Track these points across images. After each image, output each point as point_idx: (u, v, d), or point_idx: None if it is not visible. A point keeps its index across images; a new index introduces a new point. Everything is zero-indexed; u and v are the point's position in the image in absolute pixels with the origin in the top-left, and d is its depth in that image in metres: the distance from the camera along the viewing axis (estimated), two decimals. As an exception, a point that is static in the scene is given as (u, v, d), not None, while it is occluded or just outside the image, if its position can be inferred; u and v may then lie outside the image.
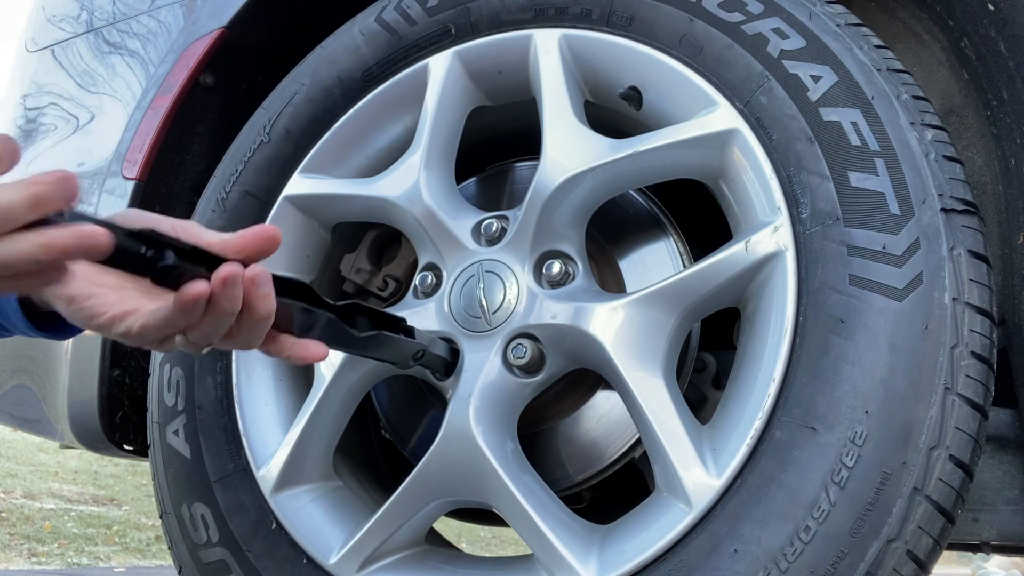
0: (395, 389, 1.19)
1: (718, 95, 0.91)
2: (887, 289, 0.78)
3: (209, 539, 1.03)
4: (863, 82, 0.85)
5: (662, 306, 0.88)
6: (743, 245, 0.85)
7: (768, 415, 0.79)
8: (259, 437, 1.06)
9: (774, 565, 0.75)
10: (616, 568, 0.82)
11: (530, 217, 0.96)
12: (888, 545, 0.73)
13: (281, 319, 0.69)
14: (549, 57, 1.01)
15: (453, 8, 1.09)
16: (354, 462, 1.16)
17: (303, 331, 0.71)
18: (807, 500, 0.75)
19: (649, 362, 0.87)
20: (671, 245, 1.05)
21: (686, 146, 0.92)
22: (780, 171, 0.85)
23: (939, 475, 0.74)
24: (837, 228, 0.81)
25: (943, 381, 0.75)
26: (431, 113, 1.06)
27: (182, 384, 1.10)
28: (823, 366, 0.78)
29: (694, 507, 0.80)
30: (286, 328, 0.71)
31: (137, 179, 1.26)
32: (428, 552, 1.00)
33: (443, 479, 0.93)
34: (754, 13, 0.91)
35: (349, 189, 1.11)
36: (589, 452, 1.04)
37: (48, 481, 5.08)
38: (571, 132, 0.97)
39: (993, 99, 0.98)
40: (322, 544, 0.97)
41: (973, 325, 0.77)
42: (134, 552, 3.80)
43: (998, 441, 1.00)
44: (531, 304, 0.94)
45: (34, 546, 3.49)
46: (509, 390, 0.93)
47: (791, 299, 0.81)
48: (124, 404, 1.31)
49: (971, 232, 0.80)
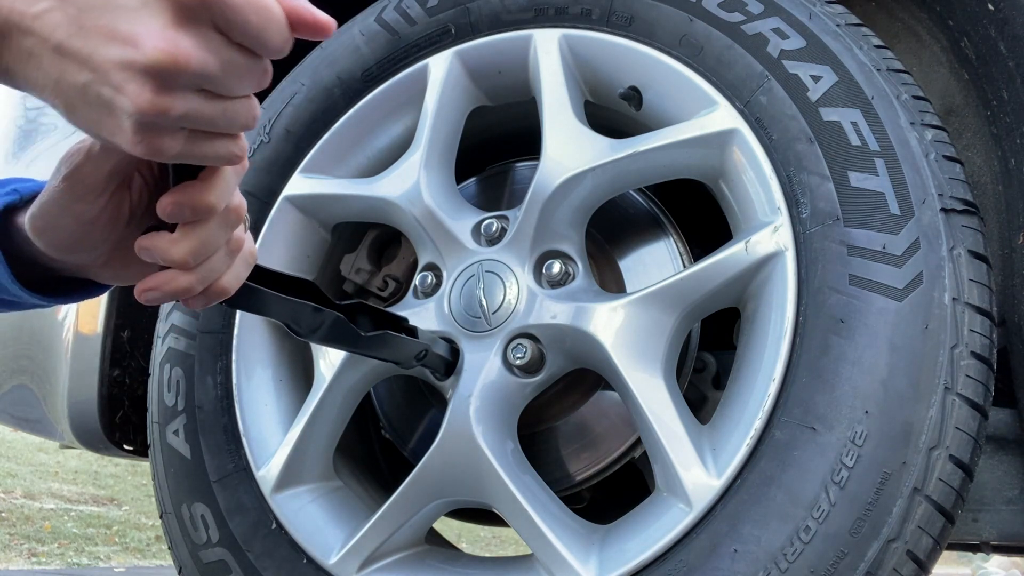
0: (395, 389, 1.19)
1: (718, 95, 0.91)
2: (887, 289, 0.78)
3: (209, 539, 1.03)
4: (863, 82, 0.85)
5: (662, 306, 0.88)
6: (743, 245, 0.85)
7: (768, 415, 0.79)
8: (259, 437, 1.06)
9: (774, 565, 0.75)
10: (616, 568, 0.82)
11: (530, 217, 0.96)
12: (888, 545, 0.73)
13: (290, 318, 0.69)
14: (549, 57, 1.01)
15: (453, 8, 1.09)
16: (354, 462, 1.16)
17: (311, 330, 0.72)
18: (807, 500, 0.75)
19: (649, 362, 0.87)
20: (671, 245, 1.05)
21: (686, 146, 0.92)
22: (780, 171, 0.86)
23: (939, 475, 0.74)
24: (837, 228, 0.81)
25: (943, 381, 0.75)
26: (431, 113, 1.06)
27: (182, 384, 1.10)
28: (823, 366, 0.78)
29: (694, 507, 0.80)
30: (294, 327, 0.71)
31: (137, 179, 1.26)
32: (428, 552, 1.00)
33: (443, 479, 0.93)
34: (754, 13, 0.91)
35: (349, 189, 1.11)
36: (589, 452, 1.04)
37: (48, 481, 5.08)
38: (571, 132, 0.97)
39: (993, 99, 0.98)
40: (322, 544, 0.97)
41: (973, 325, 0.77)
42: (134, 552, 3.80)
43: (998, 441, 1.00)
44: (531, 304, 0.94)
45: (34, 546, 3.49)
46: (509, 390, 0.93)
47: (791, 299, 0.82)
48: (124, 404, 1.31)
49: (971, 232, 0.80)
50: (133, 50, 0.44)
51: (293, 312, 0.69)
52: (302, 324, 0.71)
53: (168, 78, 0.45)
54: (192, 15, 0.45)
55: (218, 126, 0.50)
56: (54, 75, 0.46)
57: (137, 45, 0.44)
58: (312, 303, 0.70)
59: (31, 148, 1.48)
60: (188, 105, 0.47)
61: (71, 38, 0.45)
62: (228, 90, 0.49)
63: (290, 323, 0.70)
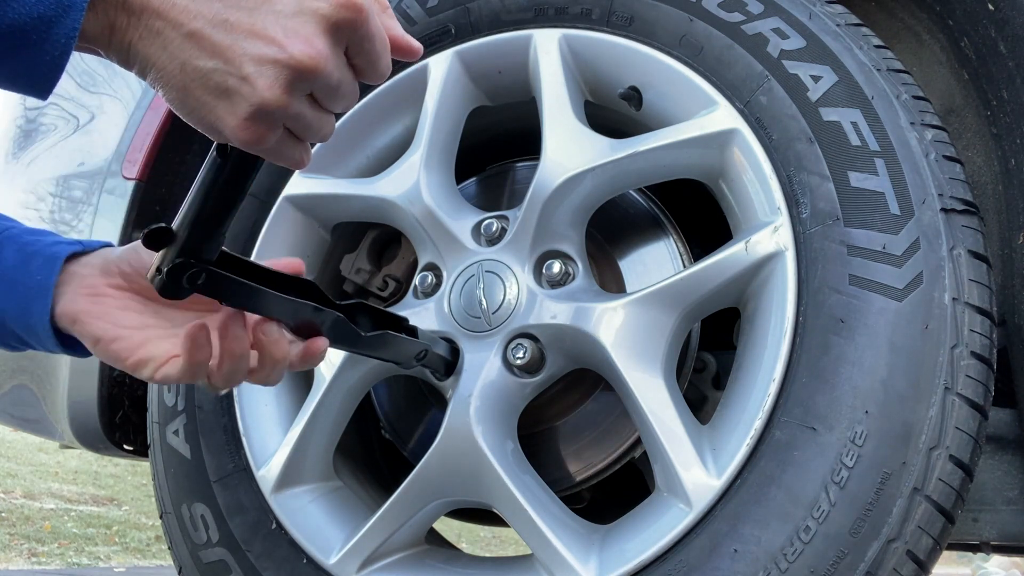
0: (395, 389, 1.19)
1: (718, 95, 0.91)
2: (887, 289, 0.78)
3: (209, 539, 1.03)
4: (863, 82, 0.85)
5: (662, 306, 0.88)
6: (743, 245, 0.85)
7: (768, 415, 0.79)
8: (259, 437, 1.06)
9: (774, 565, 0.75)
10: (616, 568, 0.82)
11: (530, 217, 0.96)
12: (888, 545, 0.73)
13: (291, 319, 0.69)
14: (549, 57, 1.01)
15: (453, 8, 1.09)
16: (354, 462, 1.16)
17: (312, 331, 0.72)
18: (807, 500, 0.75)
19: (649, 362, 0.87)
20: (671, 245, 1.05)
21: (686, 146, 0.92)
22: (780, 171, 0.86)
23: (939, 475, 0.74)
24: (837, 228, 0.81)
25: (943, 381, 0.75)
26: (431, 113, 1.06)
27: (182, 384, 1.10)
28: (823, 366, 0.78)
29: (694, 507, 0.80)
30: (295, 328, 0.71)
31: (137, 179, 1.26)
32: (428, 552, 1.00)
33: (443, 479, 0.93)
34: (754, 13, 0.91)
35: (349, 189, 1.11)
36: (589, 452, 1.04)
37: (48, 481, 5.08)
38: (571, 132, 0.97)
39: (993, 99, 0.98)
40: (322, 544, 0.97)
41: (973, 325, 0.77)
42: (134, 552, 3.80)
43: (998, 441, 1.00)
44: (531, 304, 0.94)
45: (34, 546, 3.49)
46: (509, 390, 0.93)
47: (791, 299, 0.82)
48: (124, 404, 1.31)
49: (971, 232, 0.80)
50: (277, 49, 0.50)
51: (294, 312, 0.69)
52: (303, 324, 0.71)
53: (301, 79, 0.51)
54: (338, 32, 0.52)
55: (310, 132, 0.56)
56: (180, 58, 0.50)
57: (283, 46, 0.50)
58: (312, 303, 0.70)
59: (31, 148, 1.48)
60: (300, 107, 0.53)
61: (211, 28, 0.49)
62: (331, 103, 0.55)
63: (291, 323, 0.70)
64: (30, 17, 0.45)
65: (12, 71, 0.48)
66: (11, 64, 0.47)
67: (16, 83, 0.49)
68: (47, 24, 0.46)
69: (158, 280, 0.60)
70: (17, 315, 0.71)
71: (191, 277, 0.60)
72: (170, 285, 0.60)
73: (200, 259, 0.60)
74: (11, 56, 0.47)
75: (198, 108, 0.52)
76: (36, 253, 0.73)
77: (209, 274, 0.61)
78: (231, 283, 0.63)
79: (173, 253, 0.59)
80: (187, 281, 0.60)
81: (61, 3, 0.46)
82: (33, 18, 0.45)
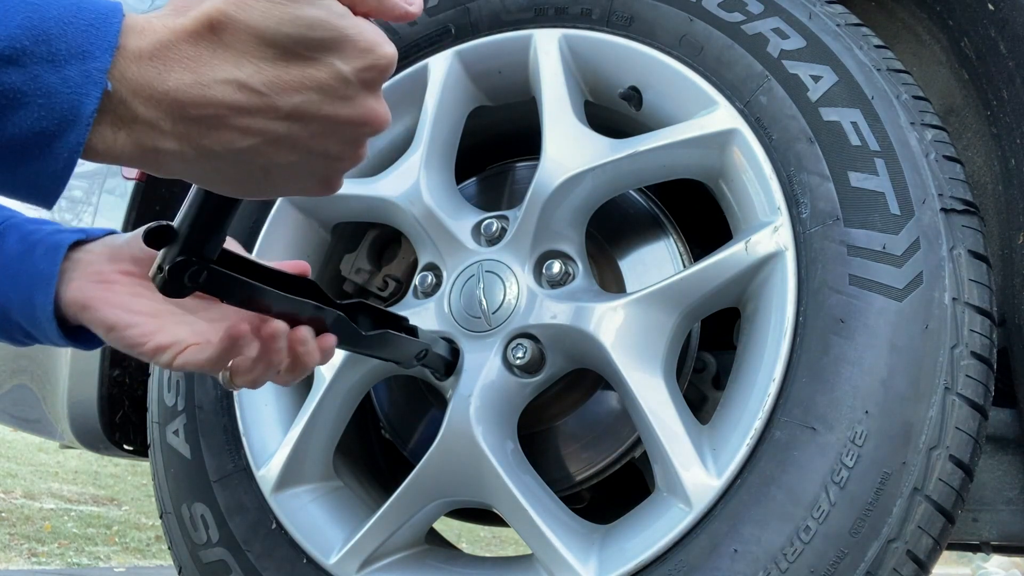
0: (395, 389, 1.19)
1: (718, 95, 0.91)
2: (887, 289, 0.78)
3: (209, 539, 1.03)
4: (863, 82, 0.85)
5: (662, 306, 0.88)
6: (743, 245, 0.85)
7: (768, 415, 0.79)
8: (259, 437, 1.06)
9: (774, 565, 0.75)
10: (616, 568, 0.82)
11: (530, 217, 0.96)
12: (888, 545, 0.73)
13: (291, 317, 0.69)
14: (549, 57, 1.01)
15: (453, 8, 1.09)
16: (354, 462, 1.16)
17: (319, 329, 0.72)
18: (807, 500, 0.75)
19: (649, 362, 0.87)
20: (671, 245, 1.05)
21: (686, 146, 0.92)
22: (780, 171, 0.86)
23: (939, 475, 0.74)
24: (837, 228, 0.81)
25: (943, 381, 0.75)
26: (431, 113, 1.06)
27: (182, 384, 1.10)
28: (823, 366, 0.78)
29: (694, 507, 0.80)
30: (295, 326, 0.71)
31: (137, 179, 1.26)
32: (428, 552, 1.00)
33: (443, 479, 0.93)
34: (754, 13, 0.91)
35: (349, 189, 1.11)
36: (589, 452, 1.04)
37: (48, 481, 5.08)
38: (571, 132, 0.97)
39: (993, 99, 0.98)
40: (322, 544, 0.97)
41: (973, 325, 0.77)
42: (134, 552, 3.80)
43: (998, 441, 1.00)
44: (531, 304, 0.94)
45: (34, 546, 3.49)
46: (509, 390, 0.93)
47: (791, 299, 0.82)
48: (124, 404, 1.31)
49: (971, 232, 0.80)
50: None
51: (294, 310, 0.69)
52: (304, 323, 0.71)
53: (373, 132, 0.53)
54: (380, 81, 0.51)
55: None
56: (261, 161, 0.50)
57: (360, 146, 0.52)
58: (313, 302, 0.70)
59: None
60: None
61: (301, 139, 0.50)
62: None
63: (292, 322, 0.70)
64: (32, 132, 0.44)
65: (13, 184, 0.47)
66: (11, 178, 0.46)
67: (17, 194, 0.48)
68: (48, 139, 0.44)
69: (160, 278, 0.60)
70: (21, 306, 0.70)
71: (193, 275, 0.60)
72: (172, 283, 0.60)
73: (201, 257, 0.60)
74: (10, 171, 0.45)
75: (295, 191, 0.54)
76: (39, 242, 0.71)
77: (210, 272, 0.61)
78: (232, 281, 0.63)
79: (174, 251, 0.59)
80: (188, 279, 0.60)
81: (65, 117, 0.44)
82: (35, 133, 0.44)
